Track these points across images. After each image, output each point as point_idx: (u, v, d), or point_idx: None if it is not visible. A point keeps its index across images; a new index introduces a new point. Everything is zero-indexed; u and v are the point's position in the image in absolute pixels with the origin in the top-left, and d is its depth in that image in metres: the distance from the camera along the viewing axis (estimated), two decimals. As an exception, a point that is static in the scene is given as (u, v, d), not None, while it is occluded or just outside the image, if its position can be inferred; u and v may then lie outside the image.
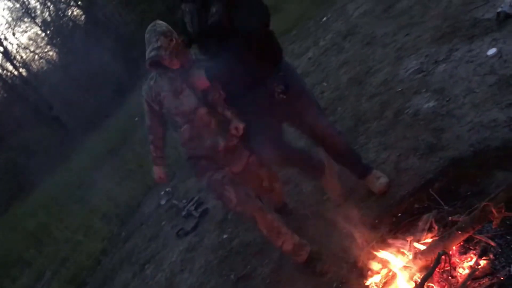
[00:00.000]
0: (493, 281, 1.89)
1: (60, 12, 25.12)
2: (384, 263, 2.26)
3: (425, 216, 2.38)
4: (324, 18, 7.24)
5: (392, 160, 3.19)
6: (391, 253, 2.24)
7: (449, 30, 4.05)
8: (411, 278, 2.07)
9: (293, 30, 8.03)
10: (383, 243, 2.31)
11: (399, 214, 2.68)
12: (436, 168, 2.80)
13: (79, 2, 23.93)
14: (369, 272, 2.29)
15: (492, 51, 3.35)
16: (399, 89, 3.87)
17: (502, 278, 1.87)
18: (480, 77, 3.23)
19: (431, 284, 2.05)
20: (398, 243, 2.28)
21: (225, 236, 3.98)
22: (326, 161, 3.13)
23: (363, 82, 4.50)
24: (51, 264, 7.03)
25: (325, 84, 5.14)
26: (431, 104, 3.40)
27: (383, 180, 3.00)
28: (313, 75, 5.63)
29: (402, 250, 2.23)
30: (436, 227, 2.26)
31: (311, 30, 7.29)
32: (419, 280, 1.99)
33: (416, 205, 2.64)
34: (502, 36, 3.42)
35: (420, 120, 3.33)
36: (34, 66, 27.65)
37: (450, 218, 2.28)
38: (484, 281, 1.91)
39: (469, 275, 1.91)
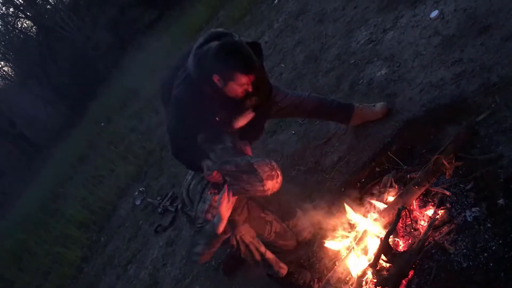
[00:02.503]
0: (451, 227, 2.01)
1: (9, 26, 24.30)
2: (352, 226, 2.36)
3: (385, 177, 2.48)
4: (276, 1, 7.28)
5: (351, 129, 3.29)
6: (358, 216, 2.34)
7: (394, -2, 4.16)
8: (377, 236, 2.18)
9: (247, 15, 8.05)
10: (350, 208, 2.39)
11: (363, 179, 2.79)
12: (393, 132, 2.92)
13: (28, 13, 23.19)
14: (340, 238, 2.39)
15: (434, 13, 3.47)
16: (352, 61, 3.98)
17: (458, 224, 1.99)
18: (426, 40, 3.35)
19: (396, 238, 2.17)
20: (363, 205, 2.38)
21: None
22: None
23: (318, 58, 4.59)
24: (33, 280, 6.94)
25: (282, 65, 5.20)
26: (383, 71, 3.51)
27: (379, 104, 3.10)
28: (270, 58, 5.68)
29: (367, 211, 2.33)
30: (396, 186, 2.37)
31: (265, 14, 7.32)
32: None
33: (377, 169, 2.75)
34: (442, -2, 3.54)
35: (374, 88, 3.44)
36: (-10, 83, 26.83)
37: (408, 175, 2.40)
38: (443, 229, 2.03)
39: (429, 225, 2.02)
